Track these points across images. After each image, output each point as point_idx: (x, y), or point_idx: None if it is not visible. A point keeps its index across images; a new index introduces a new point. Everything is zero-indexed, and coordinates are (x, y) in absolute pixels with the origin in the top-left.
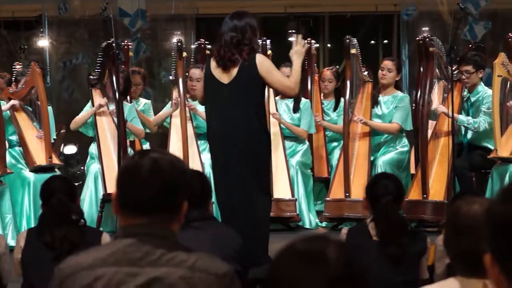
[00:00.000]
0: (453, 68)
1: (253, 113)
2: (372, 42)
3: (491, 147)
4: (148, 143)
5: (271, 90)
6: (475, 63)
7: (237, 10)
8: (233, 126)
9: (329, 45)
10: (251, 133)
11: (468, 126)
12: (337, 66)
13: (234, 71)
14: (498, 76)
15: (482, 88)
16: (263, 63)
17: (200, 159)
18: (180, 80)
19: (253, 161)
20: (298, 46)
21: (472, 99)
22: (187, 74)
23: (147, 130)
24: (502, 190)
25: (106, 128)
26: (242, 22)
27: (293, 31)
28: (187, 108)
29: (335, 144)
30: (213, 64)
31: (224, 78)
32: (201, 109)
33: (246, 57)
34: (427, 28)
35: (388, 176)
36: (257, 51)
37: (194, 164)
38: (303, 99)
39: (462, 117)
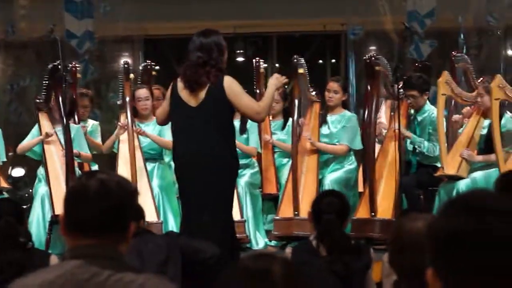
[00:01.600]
0: (399, 87)
1: (221, 137)
2: (320, 61)
3: (437, 165)
4: (96, 165)
5: None
6: (420, 87)
7: (204, 29)
8: (201, 150)
9: (277, 65)
10: (219, 157)
11: (419, 148)
12: (285, 87)
13: (202, 94)
14: (442, 94)
15: (428, 107)
16: (231, 86)
17: (148, 179)
18: (128, 101)
19: (220, 185)
20: (279, 77)
21: (419, 118)
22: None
23: (94, 152)
24: (443, 206)
25: (54, 151)
26: (208, 40)
27: (241, 51)
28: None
29: (284, 161)
30: (180, 85)
31: (192, 101)
32: (149, 131)
33: (213, 79)
34: (374, 47)
35: (333, 193)
36: (224, 71)
37: (142, 184)
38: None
39: (416, 138)
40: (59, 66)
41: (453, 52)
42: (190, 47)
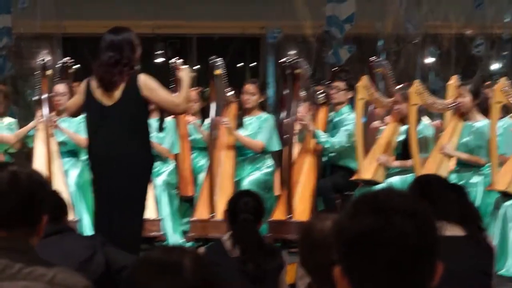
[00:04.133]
0: (319, 92)
1: (136, 136)
2: (240, 64)
3: (353, 167)
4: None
5: None
6: (348, 82)
7: (115, 26)
8: (116, 150)
9: (197, 66)
10: (135, 157)
11: (321, 144)
12: (206, 89)
13: (117, 93)
14: (360, 99)
15: (347, 110)
16: (146, 83)
17: (64, 176)
18: (44, 98)
19: (135, 184)
20: (184, 68)
21: (336, 119)
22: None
23: (7, 147)
24: (350, 206)
25: None
26: (119, 38)
27: (161, 52)
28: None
29: (201, 163)
30: (94, 84)
31: (106, 100)
32: (65, 125)
33: (126, 78)
34: (293, 51)
35: (249, 193)
36: (137, 69)
37: (58, 181)
38: (167, 119)
39: (319, 133)
40: None
41: (372, 58)
42: (102, 45)
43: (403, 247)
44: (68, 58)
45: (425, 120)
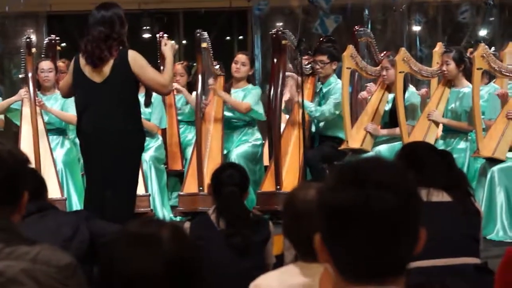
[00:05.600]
0: (306, 62)
1: (127, 112)
2: (228, 38)
3: (341, 136)
4: None
5: None
6: (330, 54)
7: (104, 2)
8: (107, 126)
9: (184, 41)
10: (126, 133)
11: (310, 113)
12: (194, 64)
13: (107, 69)
14: (347, 68)
15: (334, 79)
16: (135, 59)
17: (52, 154)
18: (30, 76)
19: (128, 161)
20: (168, 42)
21: (324, 90)
22: (37, 69)
23: None
24: (331, 176)
25: None
26: (109, 13)
27: (147, 27)
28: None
29: (189, 137)
30: (82, 61)
31: (96, 77)
32: (51, 104)
33: (115, 53)
34: (280, 24)
35: (234, 166)
36: (126, 44)
37: (45, 160)
38: (154, 94)
39: (307, 104)
40: None
41: (355, 27)
42: (91, 21)
43: (384, 223)
44: (53, 35)
45: (412, 88)
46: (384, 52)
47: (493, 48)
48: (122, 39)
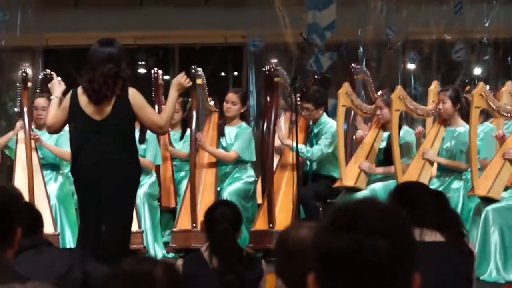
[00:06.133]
0: (297, 99)
1: (127, 149)
2: (223, 74)
3: (335, 175)
4: None
5: None
6: (315, 101)
7: (103, 37)
8: (107, 163)
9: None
10: (125, 170)
11: (302, 154)
12: (189, 100)
13: (108, 107)
14: (342, 106)
15: (325, 118)
16: (136, 98)
17: (46, 189)
18: (25, 110)
19: (124, 197)
20: (178, 79)
21: (315, 130)
22: (32, 104)
23: None
24: (326, 218)
25: None
26: (116, 50)
27: (143, 62)
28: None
29: (182, 174)
30: (83, 99)
31: (96, 114)
32: (45, 139)
33: (119, 91)
34: (275, 60)
35: (227, 203)
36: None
37: (39, 194)
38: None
39: (300, 146)
40: None
41: (352, 64)
42: (96, 57)
43: (378, 270)
44: (48, 70)
45: (406, 126)
46: (380, 92)
47: (487, 87)
48: (128, 77)
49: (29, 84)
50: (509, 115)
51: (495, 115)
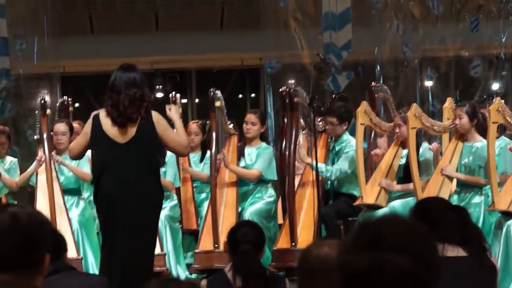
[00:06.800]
0: (319, 119)
1: (151, 173)
2: (240, 96)
3: (356, 193)
4: (15, 202)
5: None
6: (339, 116)
7: (125, 63)
8: (132, 187)
9: (197, 100)
10: (150, 193)
11: (321, 173)
12: (207, 122)
13: (132, 130)
14: (361, 124)
15: (347, 137)
16: (159, 121)
17: (67, 214)
18: (45, 137)
19: (150, 221)
20: (171, 106)
21: (337, 148)
22: (51, 131)
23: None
24: (348, 237)
25: None
26: (138, 75)
27: (160, 86)
28: (53, 165)
29: (203, 196)
30: (106, 122)
31: (120, 137)
32: (68, 161)
33: (144, 114)
34: (292, 81)
35: (249, 224)
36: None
37: (61, 220)
38: (168, 152)
39: (319, 165)
40: None
41: (372, 83)
42: (120, 82)
43: (401, 286)
44: (66, 97)
45: (426, 143)
46: (400, 110)
47: (503, 101)
48: (151, 101)
49: (48, 111)
50: None
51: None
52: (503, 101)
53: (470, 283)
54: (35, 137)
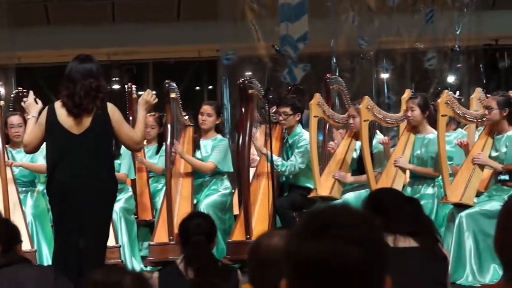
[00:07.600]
0: (273, 110)
1: (105, 163)
2: (197, 88)
3: (311, 186)
4: None
5: None
6: (293, 106)
7: (81, 54)
8: (86, 178)
9: (154, 92)
10: (103, 184)
11: (277, 168)
12: (164, 114)
13: (87, 121)
14: (314, 116)
15: (300, 130)
16: (114, 113)
17: (21, 206)
18: None
19: (104, 211)
20: (144, 96)
21: (290, 141)
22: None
23: None
24: (297, 225)
25: None
26: (95, 66)
27: (117, 78)
28: (6, 157)
29: (159, 187)
30: (61, 113)
31: (75, 128)
32: (21, 158)
33: (100, 104)
34: (249, 73)
35: (201, 215)
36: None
37: (15, 211)
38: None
39: (274, 158)
40: None
41: (327, 75)
42: (76, 73)
43: (349, 276)
44: (21, 88)
45: (379, 135)
46: (355, 102)
47: (457, 93)
48: (106, 92)
49: (2, 102)
50: (475, 120)
51: (461, 121)
52: (457, 93)
53: (421, 273)
54: None
